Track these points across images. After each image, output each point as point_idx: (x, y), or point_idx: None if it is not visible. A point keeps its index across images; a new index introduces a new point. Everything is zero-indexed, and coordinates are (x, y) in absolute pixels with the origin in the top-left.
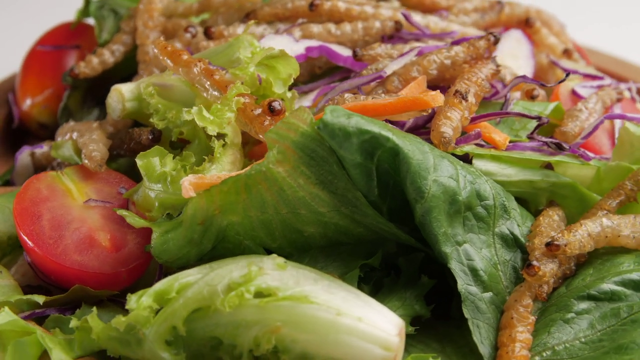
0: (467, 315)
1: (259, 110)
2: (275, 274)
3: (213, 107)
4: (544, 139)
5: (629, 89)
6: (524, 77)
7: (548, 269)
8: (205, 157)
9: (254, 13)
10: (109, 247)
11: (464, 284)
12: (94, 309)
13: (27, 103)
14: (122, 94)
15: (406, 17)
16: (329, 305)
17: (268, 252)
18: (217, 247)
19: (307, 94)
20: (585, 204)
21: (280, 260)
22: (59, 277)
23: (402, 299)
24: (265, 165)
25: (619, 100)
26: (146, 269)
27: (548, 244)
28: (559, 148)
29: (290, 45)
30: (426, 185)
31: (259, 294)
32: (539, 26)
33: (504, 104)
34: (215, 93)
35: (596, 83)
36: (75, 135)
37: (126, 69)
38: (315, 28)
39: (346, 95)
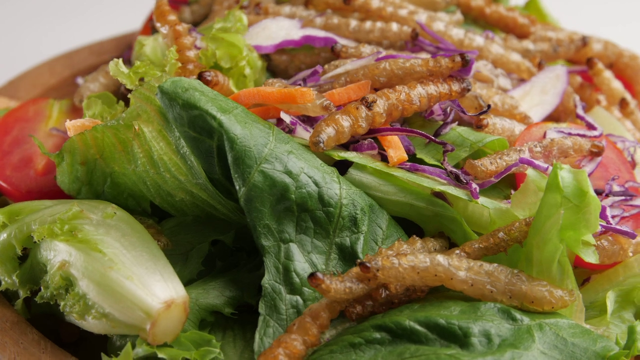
0: (261, 310)
1: (193, 78)
2: (97, 219)
3: (135, 65)
4: (449, 167)
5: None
6: (453, 101)
7: (340, 286)
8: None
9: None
10: (39, 171)
11: (271, 280)
12: None
13: None
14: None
15: (422, 26)
16: (111, 258)
17: (153, 206)
18: (105, 191)
19: None
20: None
21: (111, 210)
22: None
23: (232, 282)
24: (118, 120)
25: (595, 153)
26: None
27: (360, 264)
28: (456, 179)
29: (289, 29)
30: (249, 173)
31: (72, 234)
32: (600, 68)
33: (440, 126)
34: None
35: (575, 131)
36: None
37: None
38: (336, 20)
39: (270, 80)
